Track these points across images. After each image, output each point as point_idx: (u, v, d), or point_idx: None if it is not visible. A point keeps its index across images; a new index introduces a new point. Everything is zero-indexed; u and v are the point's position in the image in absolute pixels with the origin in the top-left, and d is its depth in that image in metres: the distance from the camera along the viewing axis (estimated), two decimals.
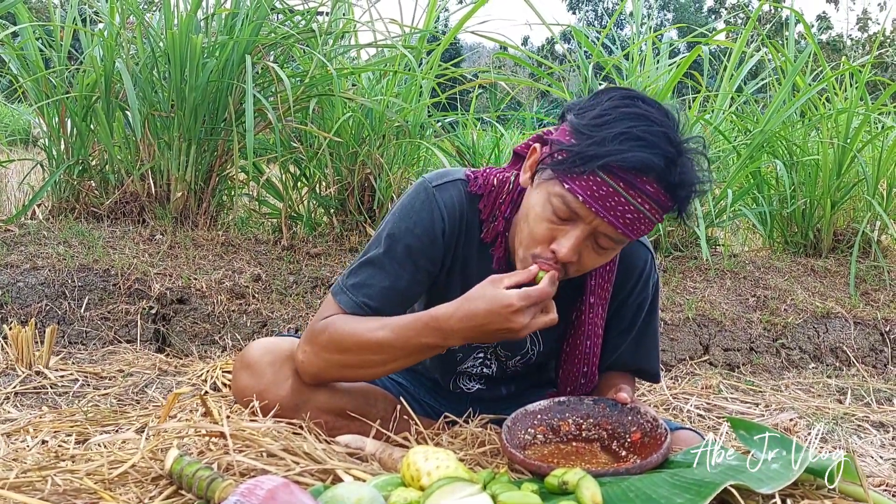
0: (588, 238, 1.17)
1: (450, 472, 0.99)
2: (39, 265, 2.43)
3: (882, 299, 3.02)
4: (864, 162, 3.28)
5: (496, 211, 1.32)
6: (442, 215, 1.30)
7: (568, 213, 1.15)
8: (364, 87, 3.14)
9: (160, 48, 2.77)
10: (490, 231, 1.33)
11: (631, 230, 1.16)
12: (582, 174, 1.12)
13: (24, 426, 1.54)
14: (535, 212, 1.19)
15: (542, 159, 1.20)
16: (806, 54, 3.25)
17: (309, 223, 3.04)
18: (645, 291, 1.43)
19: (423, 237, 1.29)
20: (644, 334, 1.48)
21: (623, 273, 1.40)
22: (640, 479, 1.02)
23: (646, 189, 1.12)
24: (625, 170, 1.10)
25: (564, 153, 1.14)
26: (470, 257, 1.35)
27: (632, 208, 1.13)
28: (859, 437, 2.04)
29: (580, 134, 1.13)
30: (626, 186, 1.12)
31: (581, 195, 1.13)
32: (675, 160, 1.12)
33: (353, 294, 1.29)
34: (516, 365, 1.48)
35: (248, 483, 0.87)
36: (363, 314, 1.28)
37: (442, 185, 1.32)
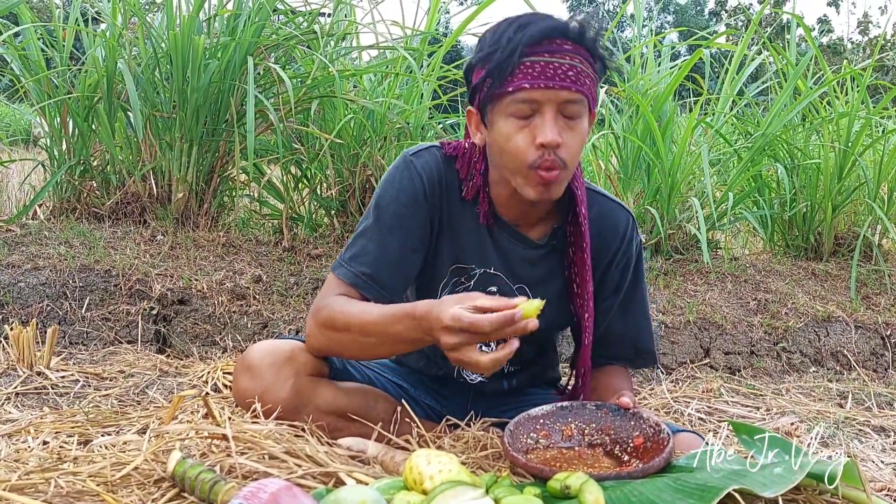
0: (557, 116, 1.25)
1: (452, 476, 0.99)
2: (41, 265, 2.42)
3: (883, 303, 3.02)
4: (865, 166, 3.28)
5: (472, 169, 1.40)
6: (421, 178, 1.38)
7: (528, 109, 1.25)
8: (366, 88, 3.15)
9: (162, 49, 2.77)
10: (471, 188, 1.40)
11: (581, 85, 1.25)
12: (513, 72, 1.23)
13: (25, 427, 1.54)
14: (505, 133, 1.27)
15: (480, 104, 1.30)
16: (808, 58, 3.26)
17: (310, 224, 3.04)
18: (629, 251, 1.48)
19: (408, 202, 1.37)
20: (632, 300, 1.51)
21: (606, 232, 1.46)
22: (643, 484, 1.01)
23: (564, 48, 1.24)
24: (538, 43, 1.23)
25: (489, 77, 1.25)
26: (455, 217, 1.41)
27: (566, 66, 1.24)
28: (860, 442, 2.04)
29: (489, 55, 1.26)
30: (550, 54, 1.23)
31: (527, 83, 1.23)
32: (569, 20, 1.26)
33: (349, 266, 1.36)
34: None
35: (250, 486, 0.87)
36: (363, 284, 1.35)
37: (418, 153, 1.42)
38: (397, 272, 1.37)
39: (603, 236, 1.45)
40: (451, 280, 1.45)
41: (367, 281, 1.34)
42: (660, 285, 2.90)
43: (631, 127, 3.19)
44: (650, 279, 2.93)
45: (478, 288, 1.44)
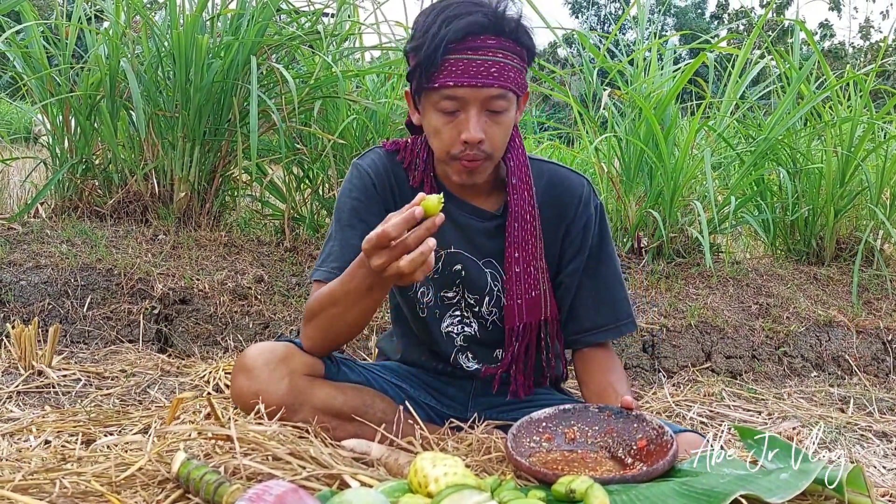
0: (481, 113, 1.31)
1: (458, 479, 0.98)
2: (42, 264, 2.42)
3: (884, 308, 3.02)
4: (867, 171, 3.28)
5: (415, 158, 1.47)
6: (368, 174, 1.47)
7: (453, 105, 1.30)
8: (368, 89, 3.14)
9: (165, 48, 2.77)
10: (416, 176, 1.47)
11: (505, 80, 1.30)
12: (439, 69, 1.29)
13: (27, 426, 1.54)
14: (433, 125, 1.34)
15: (414, 91, 1.37)
16: (811, 63, 3.25)
17: (312, 225, 3.04)
18: (588, 210, 1.52)
19: (360, 196, 1.46)
20: (599, 262, 1.53)
21: (562, 196, 1.51)
22: (649, 488, 1.01)
23: (488, 43, 1.29)
24: (461, 40, 1.27)
25: (418, 69, 1.32)
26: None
27: (489, 63, 1.28)
28: (862, 447, 2.03)
29: (418, 47, 1.31)
30: (473, 52, 1.28)
31: (451, 81, 1.28)
32: (490, 11, 1.29)
33: (323, 268, 1.44)
34: (491, 311, 1.52)
35: (256, 488, 0.87)
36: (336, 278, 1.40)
37: (363, 155, 1.53)
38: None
39: (559, 199, 1.51)
40: None
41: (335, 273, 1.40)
42: (661, 289, 2.90)
43: (633, 130, 3.19)
44: (652, 283, 2.93)
45: (445, 269, 1.50)
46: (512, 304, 1.47)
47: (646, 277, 2.97)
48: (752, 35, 3.37)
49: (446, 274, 1.50)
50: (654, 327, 2.66)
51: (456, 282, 1.51)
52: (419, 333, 1.58)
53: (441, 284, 1.51)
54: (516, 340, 1.48)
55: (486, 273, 1.51)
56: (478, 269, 1.50)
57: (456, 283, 1.51)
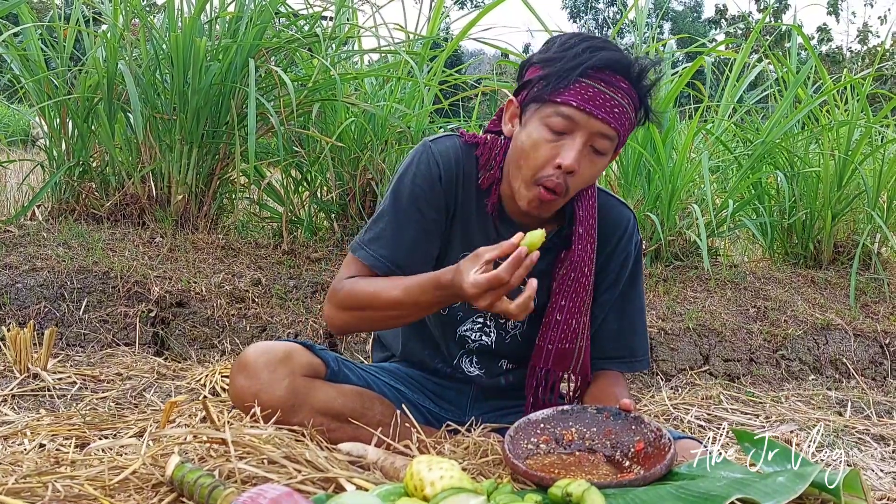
0: (586, 144, 1.29)
1: (454, 483, 0.98)
2: (38, 267, 2.41)
3: (882, 312, 3.02)
4: (864, 174, 3.28)
5: (492, 159, 1.43)
6: (437, 161, 1.41)
7: (565, 125, 1.28)
8: (367, 92, 3.14)
9: (163, 50, 2.77)
10: (487, 177, 1.43)
11: (620, 123, 1.29)
12: (568, 86, 1.27)
13: (21, 429, 1.53)
14: (533, 139, 1.30)
15: (524, 101, 1.34)
16: (808, 67, 3.26)
17: (310, 228, 3.03)
18: (629, 247, 1.51)
19: (423, 184, 1.40)
20: (628, 298, 1.53)
21: (609, 226, 1.49)
22: (646, 492, 1.01)
23: (620, 85, 1.29)
24: (601, 70, 1.27)
25: (543, 80, 1.29)
26: (469, 205, 1.45)
27: (616, 102, 1.28)
28: (860, 451, 2.03)
29: (552, 60, 1.29)
30: (605, 85, 1.27)
31: (575, 101, 1.26)
32: (633, 57, 1.31)
33: (369, 249, 1.40)
34: (515, 327, 1.51)
35: (250, 492, 0.86)
36: (382, 266, 1.39)
37: (438, 139, 1.46)
38: (413, 254, 1.41)
39: (603, 232, 1.48)
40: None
41: (386, 263, 1.39)
42: (659, 291, 2.89)
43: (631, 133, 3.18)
44: (650, 286, 2.93)
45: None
46: (542, 346, 1.45)
47: (644, 280, 2.97)
48: (750, 39, 3.37)
49: None
50: (652, 330, 2.65)
51: None
52: (431, 328, 1.56)
53: None
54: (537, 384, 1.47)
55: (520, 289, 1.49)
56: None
57: None
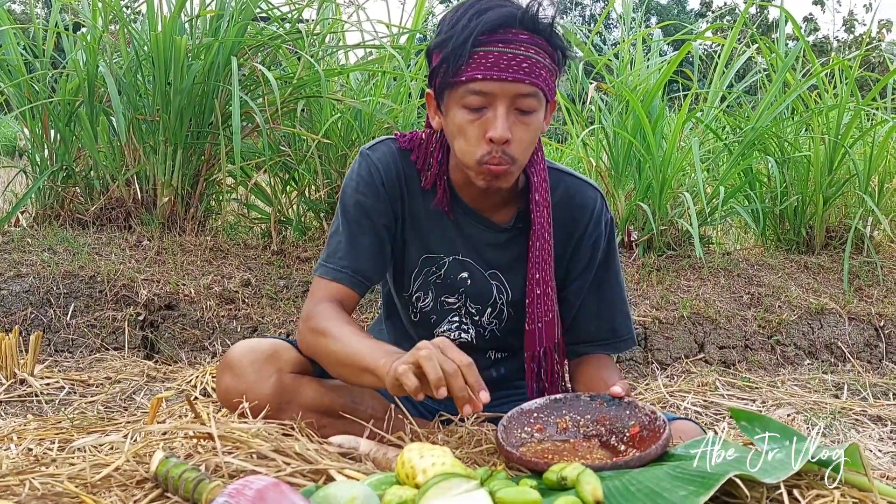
0: (510, 111, 1.23)
1: (446, 469, 0.96)
2: (24, 273, 2.38)
3: (875, 295, 3.01)
4: (855, 158, 3.28)
5: (429, 159, 1.40)
6: (378, 168, 1.39)
7: (480, 101, 1.23)
8: (352, 88, 3.12)
9: (144, 51, 2.74)
10: (428, 178, 1.40)
11: (536, 77, 1.22)
12: (467, 61, 1.21)
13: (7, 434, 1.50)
14: (457, 123, 1.26)
15: (437, 89, 1.29)
16: (796, 50, 3.25)
17: (298, 227, 3.01)
18: (598, 228, 1.46)
19: (367, 192, 1.38)
20: (604, 280, 1.49)
21: (575, 210, 1.44)
22: (642, 473, 0.99)
23: (519, 38, 1.21)
24: (493, 31, 1.20)
25: (444, 63, 1.24)
26: (418, 207, 1.42)
27: (522, 57, 1.21)
28: (857, 432, 2.02)
29: (445, 41, 1.23)
30: (504, 45, 1.21)
31: (479, 74, 1.20)
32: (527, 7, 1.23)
33: (329, 264, 1.38)
34: (491, 322, 1.48)
35: (236, 483, 0.84)
36: (345, 277, 1.36)
37: (374, 146, 1.43)
38: (372, 260, 1.39)
39: (571, 214, 1.44)
40: (423, 270, 1.45)
41: (349, 273, 1.36)
42: (653, 281, 2.88)
43: (621, 123, 3.17)
44: (643, 275, 2.91)
45: (449, 275, 1.45)
46: (533, 328, 1.42)
47: (637, 271, 2.95)
48: (737, 24, 3.36)
49: (450, 281, 1.45)
50: (647, 320, 2.64)
51: (459, 290, 1.46)
52: (412, 333, 1.54)
53: (443, 289, 1.47)
54: (537, 366, 1.44)
55: (492, 285, 1.46)
56: (483, 280, 1.45)
57: (459, 291, 1.46)
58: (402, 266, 1.46)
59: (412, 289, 1.47)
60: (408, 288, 1.48)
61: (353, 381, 1.26)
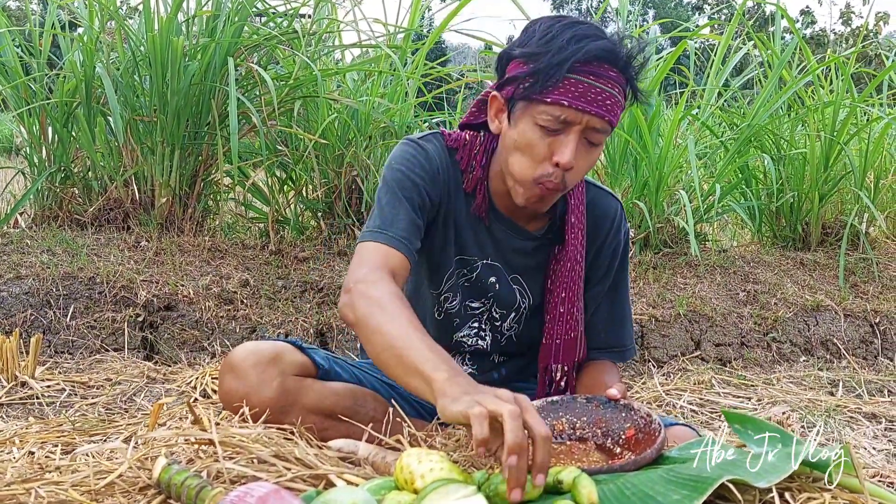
0: (581, 139, 1.25)
1: (443, 475, 0.97)
2: (23, 274, 2.39)
3: (871, 291, 3.03)
4: (851, 154, 3.29)
5: (472, 160, 1.40)
6: (432, 157, 1.38)
7: (558, 124, 1.23)
8: (349, 87, 3.12)
9: (141, 52, 2.74)
10: (471, 180, 1.40)
11: (612, 115, 1.24)
12: (556, 84, 1.21)
13: (10, 437, 1.51)
14: (527, 138, 1.26)
15: (510, 97, 1.28)
16: (792, 47, 3.26)
17: (296, 227, 3.02)
18: (618, 237, 1.49)
19: (422, 174, 1.36)
20: (618, 289, 1.52)
21: (598, 219, 1.47)
22: (636, 476, 1.00)
23: (609, 75, 1.23)
24: (588, 62, 1.21)
25: (530, 77, 1.23)
26: (457, 208, 1.42)
27: (607, 94, 1.23)
28: (852, 429, 2.04)
29: (536, 55, 1.23)
30: (595, 78, 1.22)
31: (566, 100, 1.21)
32: (619, 43, 1.24)
33: (389, 231, 1.30)
34: (511, 327, 1.50)
35: (238, 490, 0.85)
36: (407, 249, 1.30)
37: (424, 137, 1.42)
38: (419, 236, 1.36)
39: (594, 222, 1.47)
40: (457, 270, 1.46)
41: (407, 245, 1.30)
42: (649, 279, 2.90)
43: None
44: (640, 273, 2.93)
45: (480, 279, 1.46)
46: (550, 343, 1.44)
47: (633, 268, 2.97)
48: (734, 20, 3.37)
49: (479, 285, 1.47)
50: (643, 318, 2.65)
51: (488, 294, 1.47)
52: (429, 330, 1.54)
53: (470, 293, 1.48)
54: (550, 382, 1.45)
55: (516, 290, 1.48)
56: (508, 284, 1.47)
57: (487, 296, 1.48)
58: (439, 263, 1.46)
59: (443, 288, 1.48)
60: (439, 286, 1.48)
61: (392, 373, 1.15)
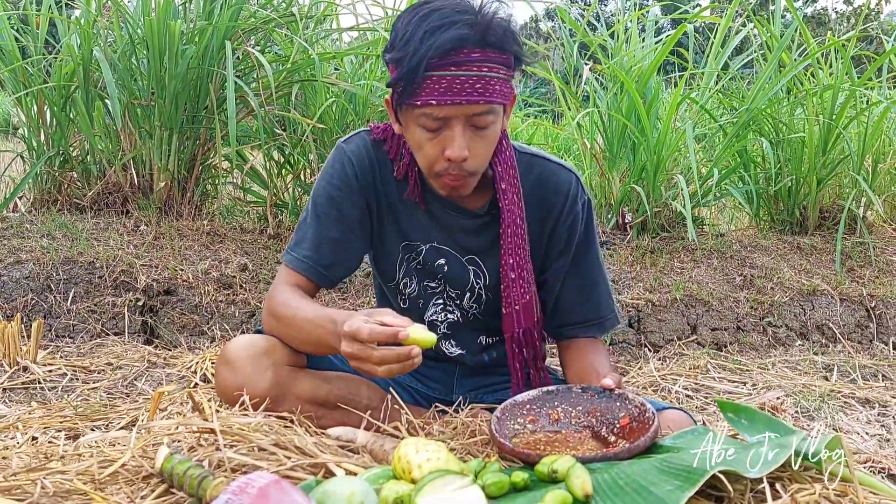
0: (466, 128, 1.26)
1: (440, 464, 0.99)
2: (23, 259, 2.40)
3: (867, 275, 3.05)
4: (849, 138, 3.29)
5: (401, 149, 1.43)
6: (351, 161, 1.43)
7: (436, 123, 1.25)
8: (347, 71, 3.11)
9: (138, 35, 2.73)
10: (400, 168, 1.44)
11: (491, 95, 1.24)
12: (421, 86, 1.22)
13: (13, 423, 1.54)
14: (415, 140, 1.29)
15: (394, 104, 1.31)
16: (791, 30, 3.25)
17: (295, 211, 3.02)
18: (574, 209, 1.48)
19: (340, 184, 1.43)
20: (584, 260, 1.51)
21: (549, 194, 1.47)
22: (630, 466, 1.02)
23: (471, 57, 1.21)
24: (444, 56, 1.20)
25: (400, 82, 1.24)
26: (392, 198, 1.46)
27: (474, 79, 1.22)
28: (845, 414, 2.06)
29: (397, 61, 1.24)
30: (457, 67, 1.21)
31: (434, 100, 1.22)
32: (477, 20, 1.21)
33: (294, 253, 1.43)
34: (471, 306, 1.52)
35: (238, 481, 0.87)
36: (306, 267, 1.42)
37: (348, 139, 1.46)
38: (336, 253, 1.43)
39: (545, 198, 1.47)
40: (405, 257, 1.50)
41: (310, 264, 1.42)
42: (646, 263, 2.91)
43: (616, 104, 3.18)
44: (637, 258, 2.94)
45: (427, 262, 1.49)
46: (510, 311, 1.45)
47: (631, 253, 2.98)
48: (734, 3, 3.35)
49: (428, 267, 1.49)
50: (640, 302, 2.67)
51: (438, 276, 1.50)
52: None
53: (424, 275, 1.51)
54: (517, 347, 1.47)
55: (469, 270, 1.50)
56: (460, 265, 1.49)
57: (438, 277, 1.50)
58: (385, 254, 1.50)
59: (398, 276, 1.52)
60: (394, 276, 1.52)
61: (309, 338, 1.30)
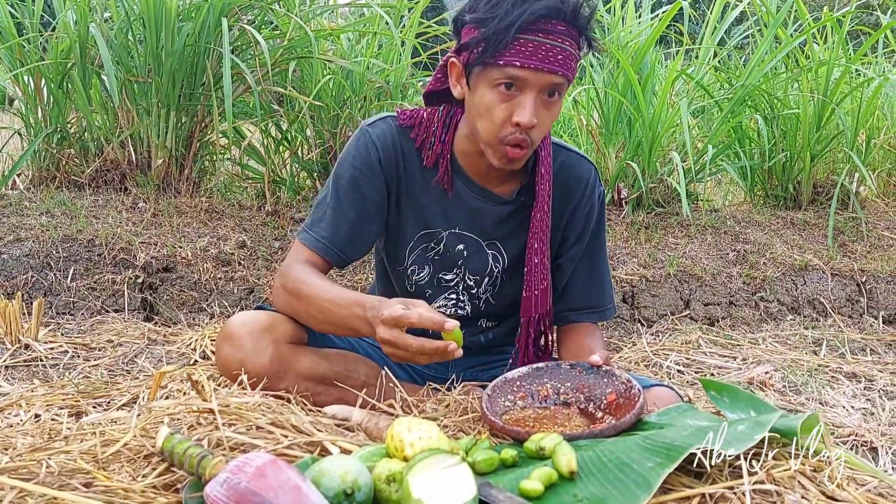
0: (538, 96, 1.29)
1: (432, 443, 1.03)
2: (23, 237, 2.43)
3: (859, 250, 3.08)
4: (842, 114, 3.30)
5: (431, 137, 1.45)
6: (375, 145, 1.44)
7: (511, 86, 1.28)
8: (343, 48, 3.11)
9: (134, 11, 2.72)
10: (430, 156, 1.45)
11: (567, 69, 1.29)
12: (507, 47, 1.25)
13: (16, 400, 1.57)
14: (486, 102, 1.31)
15: (467, 63, 1.32)
16: (787, 6, 3.24)
17: (292, 187, 3.04)
18: (591, 200, 1.54)
19: (362, 167, 1.44)
20: (594, 250, 1.57)
21: (570, 182, 1.52)
22: (615, 443, 1.06)
23: (557, 29, 1.26)
24: (535, 22, 1.25)
25: (482, 42, 1.27)
26: (415, 185, 1.48)
27: (557, 49, 1.26)
28: (832, 388, 2.11)
29: (485, 20, 1.27)
30: (544, 35, 1.25)
31: (518, 61, 1.25)
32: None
33: (312, 232, 1.44)
34: (486, 290, 1.55)
35: (236, 461, 0.90)
36: (323, 248, 1.43)
37: (374, 123, 1.47)
38: (353, 235, 1.45)
39: (567, 186, 1.52)
40: (420, 245, 1.51)
41: (326, 244, 1.43)
42: (641, 239, 2.94)
43: (612, 81, 3.18)
44: (632, 233, 2.97)
45: (448, 249, 1.50)
46: (530, 295, 1.49)
47: (626, 228, 3.01)
48: None
49: (447, 255, 1.51)
50: (634, 278, 2.70)
51: (458, 262, 1.52)
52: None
53: (441, 266, 1.53)
54: (532, 330, 1.51)
55: (489, 255, 1.53)
56: (481, 251, 1.52)
57: (458, 265, 1.52)
58: (398, 239, 1.52)
59: (407, 262, 1.53)
60: (403, 262, 1.54)
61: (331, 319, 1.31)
